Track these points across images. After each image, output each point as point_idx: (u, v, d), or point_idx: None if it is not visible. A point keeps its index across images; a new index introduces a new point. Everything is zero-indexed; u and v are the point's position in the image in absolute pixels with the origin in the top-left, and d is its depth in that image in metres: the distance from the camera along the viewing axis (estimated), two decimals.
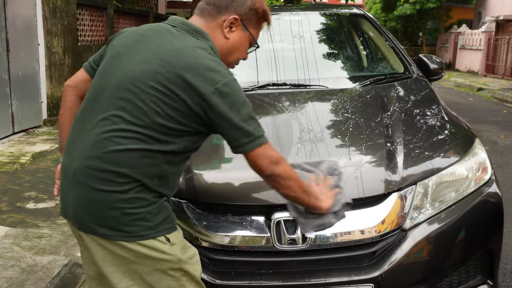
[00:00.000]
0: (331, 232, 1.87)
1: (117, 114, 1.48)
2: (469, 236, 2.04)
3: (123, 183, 1.47)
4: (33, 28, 7.13)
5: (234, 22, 1.63)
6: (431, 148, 2.23)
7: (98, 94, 1.56)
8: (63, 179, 1.58)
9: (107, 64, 1.60)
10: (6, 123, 6.43)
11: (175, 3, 23.34)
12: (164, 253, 1.52)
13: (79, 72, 1.78)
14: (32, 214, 3.85)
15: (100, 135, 1.48)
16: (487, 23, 18.85)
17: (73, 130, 1.61)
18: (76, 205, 1.51)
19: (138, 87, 1.48)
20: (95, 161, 1.47)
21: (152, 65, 1.49)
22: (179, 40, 1.54)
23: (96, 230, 1.49)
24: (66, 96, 1.79)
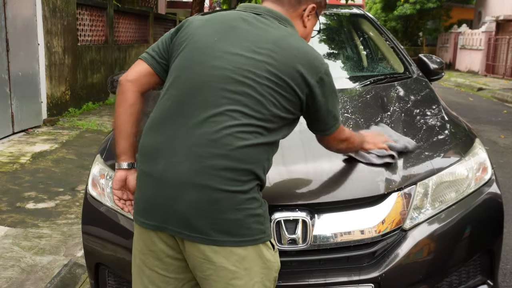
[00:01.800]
0: (331, 232, 1.87)
1: (235, 109, 1.42)
2: (469, 236, 2.04)
3: (247, 182, 1.42)
4: (33, 28, 7.13)
5: (311, 10, 1.69)
6: (431, 148, 2.22)
7: (196, 88, 1.45)
8: (158, 188, 1.43)
9: (198, 56, 1.49)
10: (6, 123, 6.43)
11: (175, 3, 23.36)
12: (269, 261, 1.49)
13: (138, 65, 1.62)
14: (32, 214, 3.85)
15: (219, 132, 1.39)
16: (487, 23, 18.85)
17: (158, 131, 1.47)
18: (190, 210, 1.39)
19: (252, 79, 1.44)
20: (220, 159, 1.38)
21: (260, 56, 1.46)
22: (274, 28, 1.54)
23: (212, 237, 1.40)
24: (126, 92, 1.58)
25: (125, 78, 1.60)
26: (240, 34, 1.51)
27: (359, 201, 1.91)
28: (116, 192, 1.66)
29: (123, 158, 1.63)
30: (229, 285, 1.44)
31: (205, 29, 1.55)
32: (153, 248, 1.52)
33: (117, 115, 1.59)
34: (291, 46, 1.50)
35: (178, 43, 1.57)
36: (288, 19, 1.62)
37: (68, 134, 6.70)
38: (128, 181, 1.65)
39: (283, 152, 2.15)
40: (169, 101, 1.49)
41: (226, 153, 1.39)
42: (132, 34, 11.61)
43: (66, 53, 8.04)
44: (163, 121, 1.47)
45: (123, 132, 1.60)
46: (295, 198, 1.89)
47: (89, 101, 8.93)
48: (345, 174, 2.03)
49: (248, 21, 1.55)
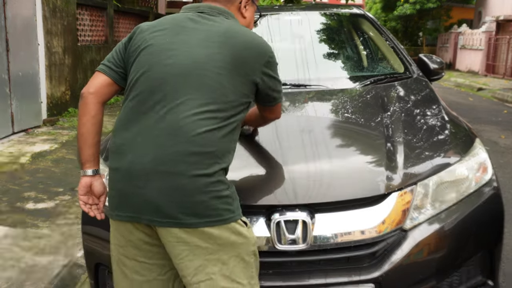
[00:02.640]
0: (331, 233, 1.86)
1: (194, 98, 1.53)
2: (469, 236, 2.03)
3: (211, 165, 1.50)
4: (33, 28, 7.13)
5: (247, 1, 1.81)
6: (431, 148, 2.22)
7: (157, 85, 1.56)
8: (127, 179, 1.53)
9: (153, 58, 1.61)
10: (6, 123, 6.43)
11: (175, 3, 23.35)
12: (244, 236, 1.57)
13: (97, 78, 1.71)
14: (31, 214, 3.85)
15: (180, 121, 1.50)
16: (487, 23, 18.85)
17: (124, 130, 1.58)
18: (159, 197, 1.49)
19: (207, 70, 1.56)
20: (183, 145, 1.48)
21: (212, 48, 1.59)
22: (218, 22, 1.67)
23: (182, 220, 1.49)
24: (88, 104, 1.68)
25: (87, 90, 1.69)
26: (189, 33, 1.64)
27: (359, 201, 1.91)
28: (82, 197, 1.74)
29: (88, 166, 1.71)
30: (206, 260, 1.53)
31: (157, 33, 1.67)
32: (130, 237, 1.61)
33: (81, 125, 1.68)
34: (238, 35, 1.64)
35: (133, 50, 1.67)
36: (229, 11, 1.75)
37: (68, 134, 6.70)
38: (93, 186, 1.73)
39: (283, 152, 2.16)
40: (132, 102, 1.59)
41: (188, 139, 1.49)
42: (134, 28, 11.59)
43: (66, 53, 8.04)
44: (128, 120, 1.58)
45: (88, 141, 1.69)
46: (295, 198, 1.89)
47: None
48: (345, 174, 2.03)
49: (194, 20, 1.68)
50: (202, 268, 1.53)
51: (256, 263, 1.65)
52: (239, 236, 1.56)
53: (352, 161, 2.10)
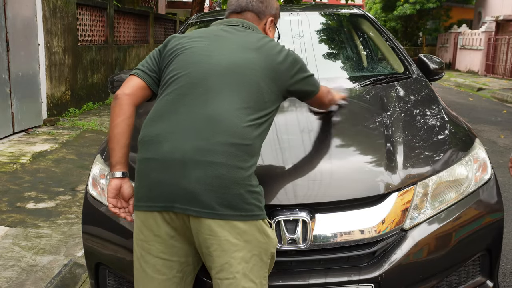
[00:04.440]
0: (331, 232, 1.87)
1: (234, 95, 1.61)
2: (469, 236, 2.04)
3: (247, 159, 1.56)
4: (33, 28, 7.13)
5: (271, 23, 2.00)
6: (431, 148, 2.23)
7: (200, 81, 1.63)
8: (164, 168, 1.54)
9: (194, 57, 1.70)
10: (6, 123, 6.43)
11: (175, 3, 23.34)
12: (268, 236, 1.61)
13: (132, 81, 1.76)
14: (32, 214, 3.85)
15: (221, 114, 1.56)
16: (487, 23, 18.85)
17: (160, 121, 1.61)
18: (197, 186, 1.51)
19: (245, 72, 1.67)
20: (224, 136, 1.53)
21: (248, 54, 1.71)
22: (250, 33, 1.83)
23: (218, 211, 1.51)
24: (123, 105, 1.71)
25: (122, 92, 1.72)
26: (225, 40, 1.77)
27: (359, 201, 1.91)
28: (111, 200, 1.73)
29: (118, 168, 1.71)
30: (232, 258, 1.55)
31: (194, 40, 1.77)
32: (158, 232, 1.60)
33: (114, 126, 1.69)
34: (269, 45, 1.78)
35: (169, 54, 1.75)
36: (257, 27, 1.92)
37: (68, 134, 6.71)
38: (122, 189, 1.73)
39: (283, 152, 2.16)
40: (170, 95, 1.64)
41: (230, 131, 1.55)
42: (132, 34, 11.61)
43: (66, 53, 8.04)
44: (165, 112, 1.61)
45: (120, 142, 1.69)
46: (295, 198, 1.89)
47: (89, 101, 8.93)
48: (345, 174, 2.03)
49: (228, 31, 1.82)
50: (228, 266, 1.56)
51: (271, 264, 1.69)
52: (263, 235, 1.59)
53: (352, 161, 2.10)
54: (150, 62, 1.79)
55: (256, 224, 1.58)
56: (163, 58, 1.78)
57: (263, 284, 1.63)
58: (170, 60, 1.73)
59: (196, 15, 3.90)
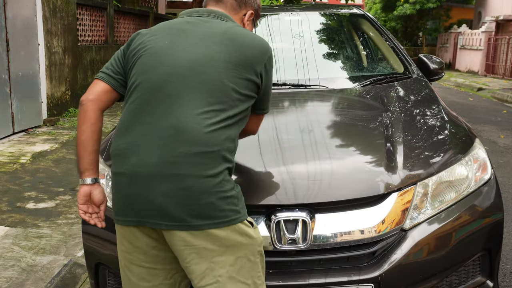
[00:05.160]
0: (331, 232, 1.87)
1: (196, 97, 1.52)
2: (469, 236, 2.04)
3: (216, 165, 1.49)
4: (33, 28, 7.13)
5: (250, 16, 1.84)
6: (431, 148, 2.23)
7: (159, 87, 1.55)
8: (131, 183, 1.51)
9: (152, 60, 1.60)
10: (6, 123, 6.43)
11: (175, 3, 23.33)
12: (251, 237, 1.56)
13: (97, 85, 1.71)
14: (32, 214, 3.85)
15: (183, 121, 1.49)
16: (487, 23, 18.85)
17: (127, 133, 1.55)
18: (165, 200, 1.47)
19: (209, 69, 1.56)
20: (187, 146, 1.47)
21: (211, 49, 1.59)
22: (217, 24, 1.68)
23: (189, 223, 1.47)
24: (87, 112, 1.66)
25: (86, 98, 1.68)
26: (188, 34, 1.64)
27: (359, 201, 1.91)
28: (82, 206, 1.71)
29: (87, 174, 1.69)
30: (212, 263, 1.51)
31: (155, 37, 1.67)
32: (137, 244, 1.59)
33: (80, 132, 1.66)
34: (238, 35, 1.65)
35: (132, 55, 1.67)
36: (230, 16, 1.76)
37: (68, 134, 6.70)
38: (92, 195, 1.71)
39: (283, 152, 2.16)
40: (133, 104, 1.58)
41: (193, 140, 1.48)
42: (132, 34, 11.60)
43: (66, 53, 8.04)
44: (130, 123, 1.56)
45: (87, 149, 1.67)
46: (295, 198, 1.89)
47: None
48: (345, 174, 2.03)
49: (193, 23, 1.69)
50: (209, 271, 1.51)
51: (262, 263, 1.64)
52: (245, 236, 1.54)
53: (352, 161, 2.10)
54: (114, 64, 1.72)
55: (235, 228, 1.52)
56: (127, 59, 1.70)
57: (258, 284, 1.59)
58: (133, 62, 1.66)
59: None
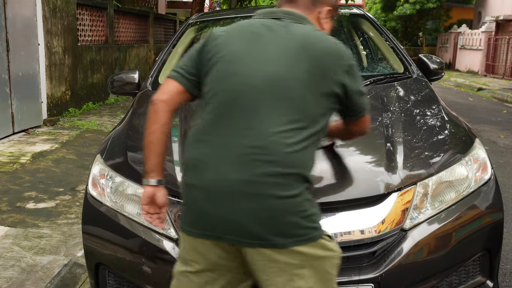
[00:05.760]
0: (331, 232, 1.87)
1: (278, 114, 1.45)
2: (469, 236, 2.04)
3: (298, 185, 1.44)
4: (33, 28, 7.13)
5: (327, 13, 1.69)
6: (431, 148, 2.23)
7: (235, 99, 1.48)
8: (209, 198, 1.45)
9: (229, 68, 1.52)
10: (6, 123, 6.43)
11: (175, 3, 23.34)
12: (331, 250, 1.53)
13: (169, 84, 1.63)
14: (32, 214, 3.85)
15: (265, 139, 1.43)
16: (487, 23, 18.85)
17: (203, 143, 1.49)
18: (247, 218, 1.42)
19: (289, 82, 1.48)
20: (269, 166, 1.41)
21: (292, 59, 1.50)
22: (296, 28, 1.56)
23: (273, 241, 1.43)
24: (159, 112, 1.60)
25: (158, 98, 1.61)
26: (266, 41, 1.54)
27: (359, 201, 1.91)
28: (145, 207, 1.68)
29: (152, 175, 1.64)
30: (293, 275, 1.47)
31: (232, 41, 1.57)
32: (208, 255, 1.53)
33: (150, 133, 1.61)
34: (317, 42, 1.54)
35: (207, 59, 1.59)
36: (306, 18, 1.63)
37: (68, 134, 6.70)
38: (156, 197, 1.66)
39: None
40: (210, 114, 1.51)
41: (274, 160, 1.42)
42: (132, 34, 11.61)
43: (66, 53, 8.04)
44: (206, 134, 1.50)
45: (156, 150, 1.62)
46: None
47: (89, 101, 8.93)
48: (345, 174, 2.03)
49: (270, 27, 1.58)
50: (288, 282, 1.48)
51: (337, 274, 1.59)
52: (326, 250, 1.52)
53: (352, 161, 2.10)
54: (189, 64, 1.63)
55: (317, 244, 1.49)
56: (202, 61, 1.61)
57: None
58: (209, 68, 1.57)
59: (196, 15, 3.90)
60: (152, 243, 1.98)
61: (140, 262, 2.00)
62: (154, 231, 2.01)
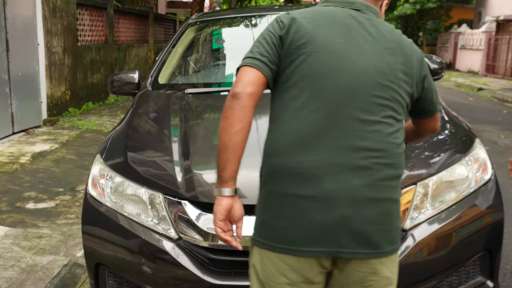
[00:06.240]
0: None
1: (389, 115, 1.38)
2: (469, 236, 2.03)
3: (400, 188, 1.42)
4: (33, 28, 7.13)
5: (386, 5, 1.62)
6: (431, 148, 2.22)
7: (344, 98, 1.35)
8: (326, 209, 1.32)
9: (329, 62, 1.37)
10: (6, 123, 6.43)
11: (175, 3, 23.35)
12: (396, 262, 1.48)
13: (251, 74, 1.38)
14: (32, 214, 3.85)
15: (382, 142, 1.35)
16: (487, 23, 18.85)
17: (311, 148, 1.33)
18: (368, 227, 1.33)
19: (393, 81, 1.39)
20: (388, 169, 1.35)
21: (390, 56, 1.41)
22: (380, 24, 1.47)
23: (383, 249, 1.37)
24: (246, 108, 1.35)
25: (243, 90, 1.36)
26: (360, 34, 1.42)
27: None
28: (221, 224, 1.42)
29: (231, 184, 1.41)
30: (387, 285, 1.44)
31: (323, 30, 1.41)
32: (309, 274, 1.39)
33: (234, 133, 1.35)
34: (401, 39, 1.47)
35: (295, 47, 1.40)
36: (378, 11, 1.53)
37: (68, 134, 6.70)
38: (233, 209, 1.44)
39: None
40: (315, 114, 1.35)
41: (392, 162, 1.36)
42: (132, 34, 11.61)
43: (66, 53, 8.04)
44: (314, 137, 1.34)
45: (238, 154, 1.38)
46: None
47: (89, 101, 8.93)
48: None
49: (357, 19, 1.45)
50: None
51: None
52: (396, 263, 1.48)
53: None
54: (270, 51, 1.40)
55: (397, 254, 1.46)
56: (287, 48, 1.40)
57: None
58: (298, 56, 1.38)
59: (196, 15, 3.90)
60: (152, 243, 1.98)
61: (140, 262, 2.00)
62: (154, 231, 2.01)
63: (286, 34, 1.41)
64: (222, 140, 1.37)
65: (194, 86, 3.13)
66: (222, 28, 3.75)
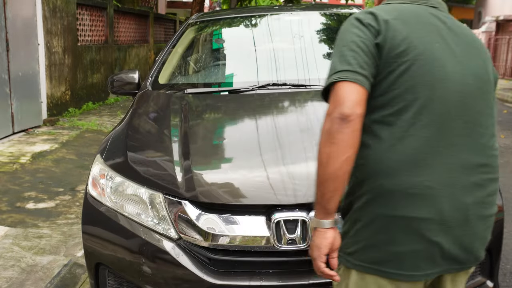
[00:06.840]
0: None
1: (490, 123, 1.34)
2: None
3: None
4: (33, 28, 7.13)
5: None
6: None
7: (452, 111, 1.27)
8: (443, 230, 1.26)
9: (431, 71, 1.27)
10: (6, 123, 6.43)
11: (175, 3, 23.36)
12: None
13: (359, 92, 1.24)
14: (32, 214, 3.85)
15: (490, 157, 1.34)
16: (487, 23, 18.85)
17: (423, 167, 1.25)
18: (478, 242, 1.32)
19: (491, 87, 1.35)
20: (494, 184, 1.35)
21: (480, 60, 1.35)
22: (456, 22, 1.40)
23: (481, 257, 1.36)
24: (357, 131, 1.23)
25: (354, 112, 1.21)
26: (448, 35, 1.34)
27: None
28: (324, 257, 1.33)
29: (334, 215, 1.32)
30: None
31: (418, 33, 1.31)
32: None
33: (344, 161, 1.23)
34: (479, 41, 1.41)
35: (395, 55, 1.27)
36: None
37: (68, 134, 6.70)
38: (335, 241, 1.34)
39: (283, 152, 2.16)
40: (426, 129, 1.25)
41: (496, 176, 1.36)
42: (132, 34, 11.61)
43: (66, 53, 8.04)
44: (426, 154, 1.25)
45: (343, 184, 1.27)
46: (294, 198, 1.89)
47: (89, 101, 8.93)
48: None
49: (439, 18, 1.36)
50: None
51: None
52: None
53: None
54: (369, 61, 1.27)
55: None
56: (385, 56, 1.27)
57: None
58: (398, 66, 1.26)
59: (196, 15, 3.90)
60: (152, 243, 1.98)
61: (140, 262, 2.00)
62: (154, 231, 2.01)
63: (383, 41, 1.28)
64: (331, 168, 1.23)
65: (194, 86, 3.13)
66: (222, 28, 3.75)
